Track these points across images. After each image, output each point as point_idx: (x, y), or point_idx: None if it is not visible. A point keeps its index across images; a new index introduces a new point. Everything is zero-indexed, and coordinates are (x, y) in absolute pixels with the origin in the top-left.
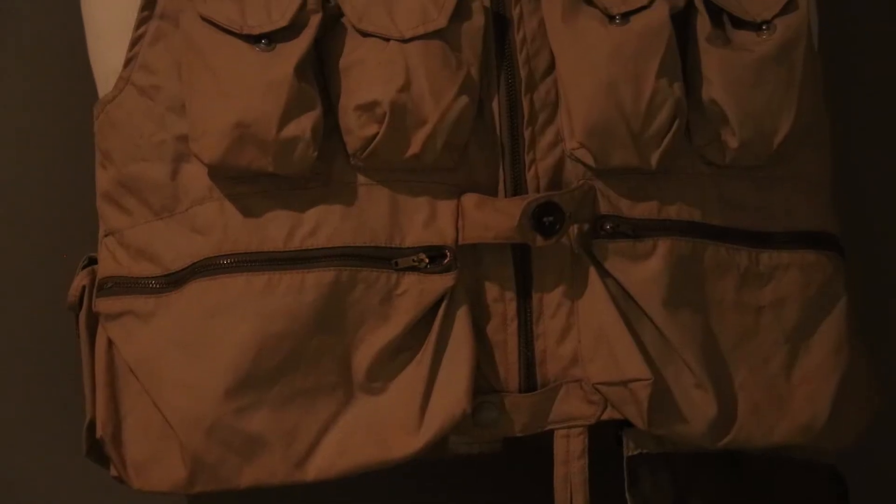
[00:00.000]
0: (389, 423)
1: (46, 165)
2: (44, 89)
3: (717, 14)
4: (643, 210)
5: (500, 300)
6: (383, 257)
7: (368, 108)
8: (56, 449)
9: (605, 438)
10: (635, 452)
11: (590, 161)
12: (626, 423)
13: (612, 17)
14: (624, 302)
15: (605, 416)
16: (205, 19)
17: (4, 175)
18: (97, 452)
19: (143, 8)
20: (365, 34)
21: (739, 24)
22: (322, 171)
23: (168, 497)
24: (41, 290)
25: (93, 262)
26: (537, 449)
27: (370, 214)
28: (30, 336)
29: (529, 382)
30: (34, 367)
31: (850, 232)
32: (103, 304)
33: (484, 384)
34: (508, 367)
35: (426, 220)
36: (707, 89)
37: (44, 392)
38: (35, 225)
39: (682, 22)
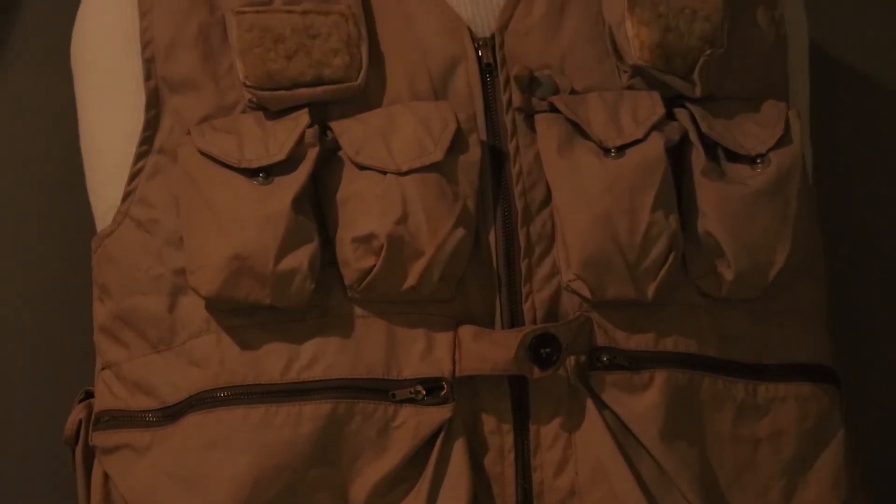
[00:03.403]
0: None
1: (44, 300)
2: (41, 225)
3: (711, 148)
4: (639, 342)
5: (497, 432)
6: (380, 389)
7: (365, 240)
8: None
9: None
10: None
11: (586, 293)
12: None
13: (607, 151)
14: (621, 434)
15: None
16: (203, 153)
17: (3, 310)
18: None
19: (141, 143)
20: (362, 167)
21: (734, 157)
22: (319, 304)
23: None
24: (41, 419)
25: (89, 395)
26: None
27: (367, 346)
28: (26, 469)
29: None
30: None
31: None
32: (100, 438)
33: None
34: (506, 499)
35: (423, 352)
36: (702, 222)
37: None
38: (33, 359)
39: (677, 154)
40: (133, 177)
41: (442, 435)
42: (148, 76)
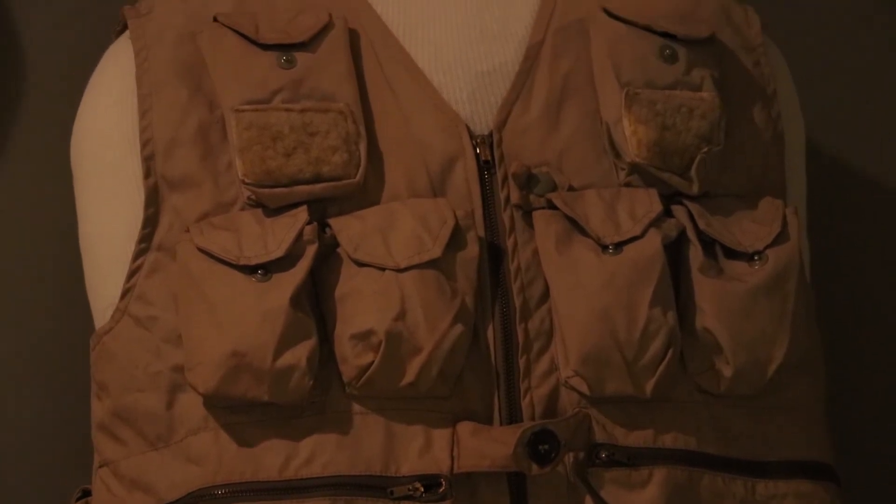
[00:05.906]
0: None
1: (42, 397)
2: (40, 322)
3: (709, 245)
4: (638, 438)
5: None
6: (378, 486)
7: (364, 336)
8: None
9: None
10: None
11: (584, 389)
12: None
13: (605, 247)
14: None
15: None
16: (202, 250)
17: (1, 407)
18: None
19: (140, 240)
20: (360, 264)
21: (732, 254)
22: (317, 400)
23: None
24: None
25: (86, 493)
26: None
27: (365, 443)
28: None
29: None
30: None
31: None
32: None
33: None
34: None
35: (421, 449)
36: (700, 318)
37: None
38: (30, 457)
39: (674, 251)
40: (132, 274)
41: None
42: (147, 174)
